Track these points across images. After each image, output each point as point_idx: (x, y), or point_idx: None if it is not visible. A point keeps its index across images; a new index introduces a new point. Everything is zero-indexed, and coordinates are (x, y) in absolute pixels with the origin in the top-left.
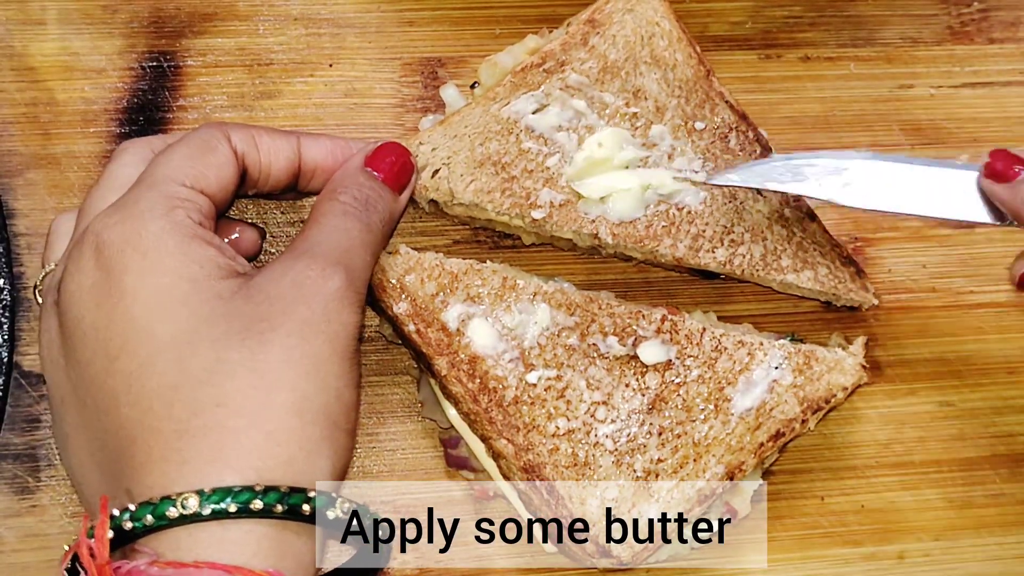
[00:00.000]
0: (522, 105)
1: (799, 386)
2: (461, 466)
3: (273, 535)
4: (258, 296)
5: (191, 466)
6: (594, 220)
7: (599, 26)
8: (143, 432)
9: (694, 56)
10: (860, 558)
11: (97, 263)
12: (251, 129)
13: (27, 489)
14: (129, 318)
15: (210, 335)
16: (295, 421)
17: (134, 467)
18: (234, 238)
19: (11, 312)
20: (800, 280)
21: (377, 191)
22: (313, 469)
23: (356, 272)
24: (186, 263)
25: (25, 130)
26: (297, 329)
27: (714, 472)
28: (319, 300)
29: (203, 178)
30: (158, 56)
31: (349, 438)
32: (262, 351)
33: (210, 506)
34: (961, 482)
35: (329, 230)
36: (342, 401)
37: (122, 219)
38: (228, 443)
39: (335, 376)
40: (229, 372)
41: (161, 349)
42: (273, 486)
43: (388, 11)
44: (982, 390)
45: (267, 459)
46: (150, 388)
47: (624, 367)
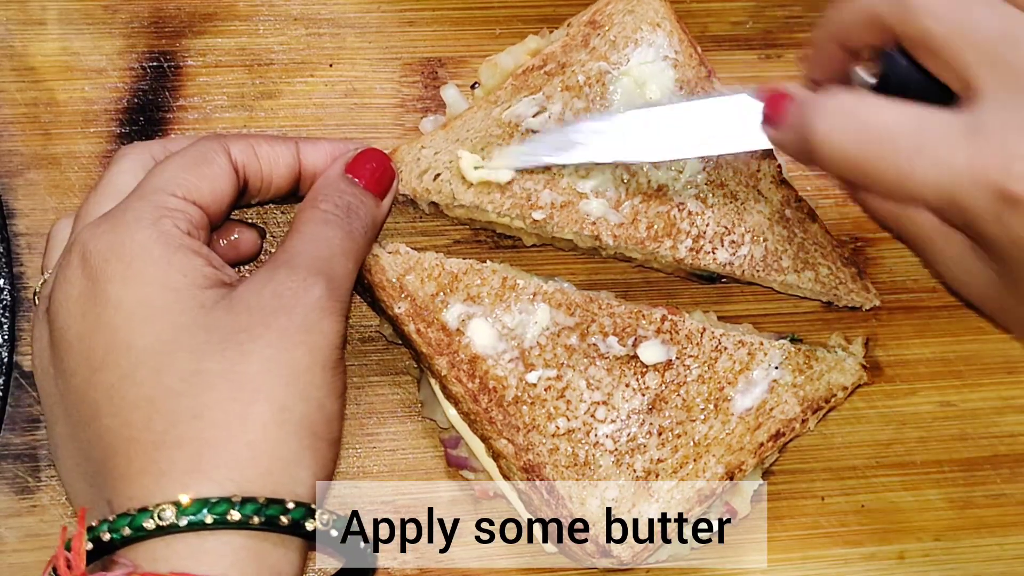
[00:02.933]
0: (523, 108)
1: (799, 386)
2: (461, 466)
3: (251, 546)
4: (239, 307)
5: (169, 477)
6: (595, 221)
7: (600, 27)
8: (123, 444)
9: (695, 57)
10: (860, 558)
11: (83, 272)
12: (250, 139)
13: (27, 489)
14: (111, 328)
15: (190, 345)
16: (274, 432)
17: (115, 478)
18: (234, 239)
19: (11, 312)
20: (801, 281)
21: (359, 197)
22: (292, 480)
23: (337, 281)
24: (169, 273)
25: (25, 130)
26: (277, 339)
27: (714, 472)
28: (299, 310)
29: (196, 189)
30: (158, 56)
31: (332, 448)
32: (241, 362)
33: (186, 517)
34: (962, 482)
35: (309, 239)
36: (323, 411)
37: (109, 228)
38: (206, 454)
39: (316, 386)
40: (207, 383)
41: (142, 360)
42: (250, 497)
43: (388, 11)
44: (983, 390)
45: (245, 470)
46: (130, 400)
47: (624, 367)
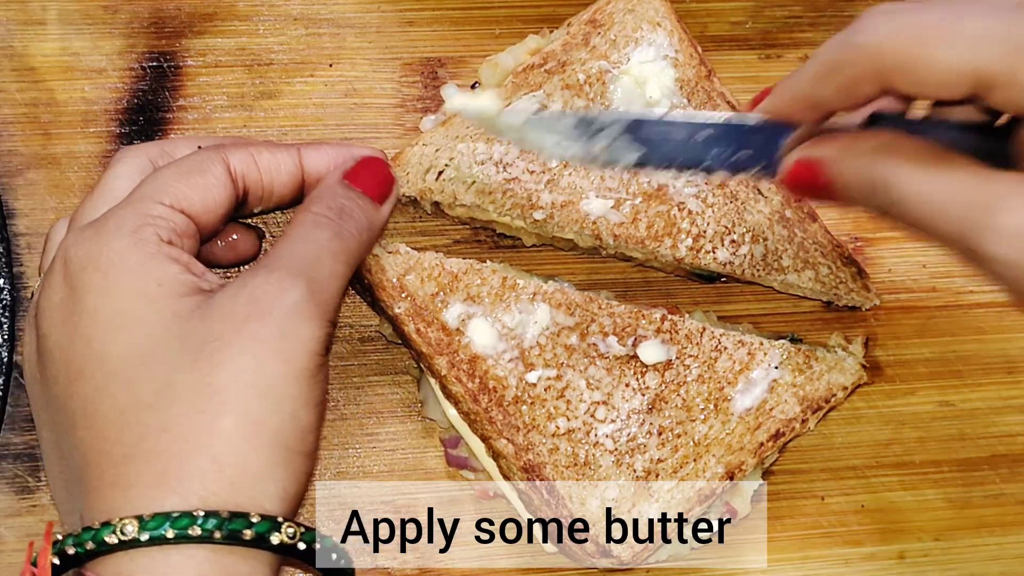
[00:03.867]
0: (524, 105)
1: (799, 386)
2: (461, 466)
3: (216, 560)
4: (214, 314)
5: (136, 491)
6: (595, 221)
7: (600, 26)
8: (96, 456)
9: (695, 56)
10: (860, 558)
11: (64, 280)
12: (251, 148)
13: (27, 489)
14: (87, 339)
15: (163, 356)
16: (242, 445)
17: (87, 491)
18: (232, 240)
19: (11, 312)
20: (801, 280)
21: (354, 200)
22: (260, 494)
23: (320, 283)
24: (146, 281)
25: (25, 130)
26: (249, 347)
27: (714, 472)
28: (274, 316)
29: (185, 198)
30: (158, 56)
31: (306, 460)
32: (211, 372)
33: (147, 532)
34: (961, 482)
35: (294, 241)
36: (297, 423)
37: (90, 236)
38: (172, 468)
39: (290, 397)
40: (177, 395)
41: (115, 371)
42: (213, 511)
43: (388, 11)
44: (982, 390)
45: (210, 484)
46: (103, 412)
47: (624, 367)
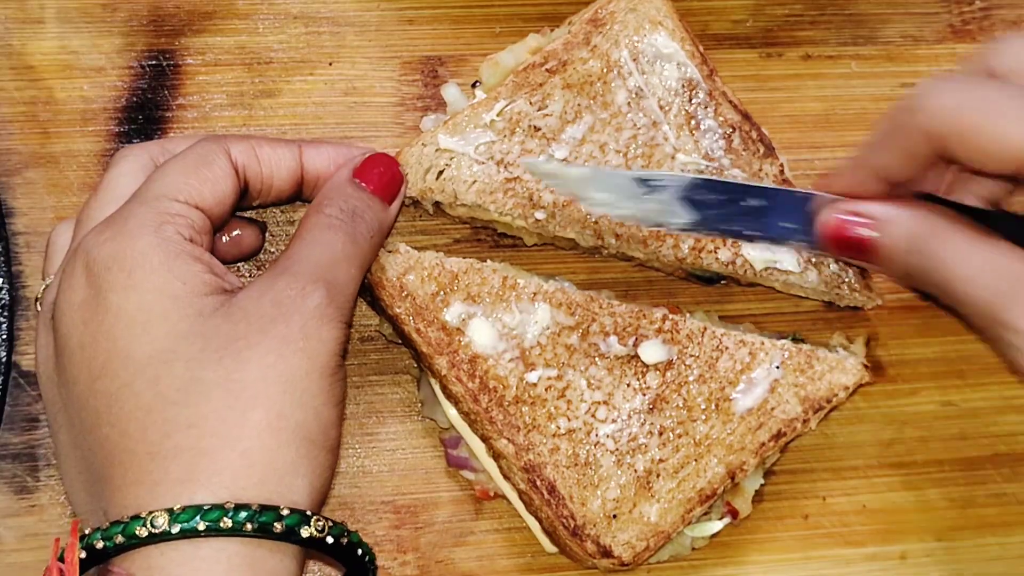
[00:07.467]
0: (524, 104)
1: (800, 385)
2: (461, 466)
3: (246, 553)
4: (237, 314)
5: (163, 487)
6: (597, 220)
7: (601, 25)
8: (120, 454)
9: (697, 55)
10: (862, 558)
11: (87, 280)
12: (251, 140)
13: (26, 489)
14: (112, 337)
15: (187, 354)
16: (269, 440)
17: (112, 489)
18: (236, 235)
19: (10, 312)
20: (803, 280)
21: (365, 201)
22: (288, 488)
23: (338, 287)
24: (169, 280)
25: (24, 129)
26: (275, 347)
27: (715, 472)
28: (298, 318)
29: (198, 193)
30: (157, 55)
31: (329, 455)
32: (238, 370)
33: (179, 524)
34: (963, 482)
35: (312, 245)
36: (320, 419)
37: (111, 236)
38: (200, 464)
39: (313, 394)
40: (204, 392)
41: (140, 369)
42: (244, 504)
43: (388, 9)
44: (984, 390)
45: (239, 478)
46: (128, 410)
47: (625, 367)
